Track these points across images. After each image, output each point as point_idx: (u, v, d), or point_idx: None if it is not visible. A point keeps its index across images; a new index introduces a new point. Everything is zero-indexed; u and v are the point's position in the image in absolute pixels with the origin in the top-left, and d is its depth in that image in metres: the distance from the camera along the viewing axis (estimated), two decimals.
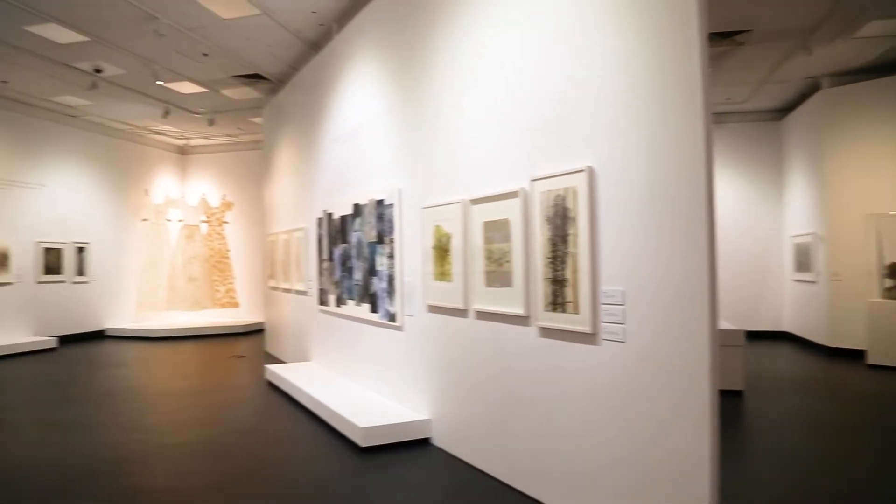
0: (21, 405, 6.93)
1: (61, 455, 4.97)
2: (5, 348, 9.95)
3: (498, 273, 4.07)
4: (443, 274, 4.73)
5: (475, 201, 4.30)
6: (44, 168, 11.41)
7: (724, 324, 7.03)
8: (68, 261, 11.78)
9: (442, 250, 4.73)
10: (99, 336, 12.42)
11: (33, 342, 10.53)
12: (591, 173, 3.28)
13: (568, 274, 3.42)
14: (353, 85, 6.63)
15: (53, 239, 11.50)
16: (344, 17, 7.18)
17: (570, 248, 3.41)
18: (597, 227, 3.27)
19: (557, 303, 3.51)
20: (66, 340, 11.34)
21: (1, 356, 9.77)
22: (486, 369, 4.27)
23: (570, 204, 3.40)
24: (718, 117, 10.94)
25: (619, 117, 3.14)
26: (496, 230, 4.08)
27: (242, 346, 11.31)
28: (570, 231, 3.40)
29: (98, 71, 9.28)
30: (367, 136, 6.22)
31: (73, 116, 11.91)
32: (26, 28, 7.63)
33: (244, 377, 8.44)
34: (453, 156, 4.66)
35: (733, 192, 11.12)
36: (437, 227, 4.78)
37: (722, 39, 7.51)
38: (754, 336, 10.29)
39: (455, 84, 4.64)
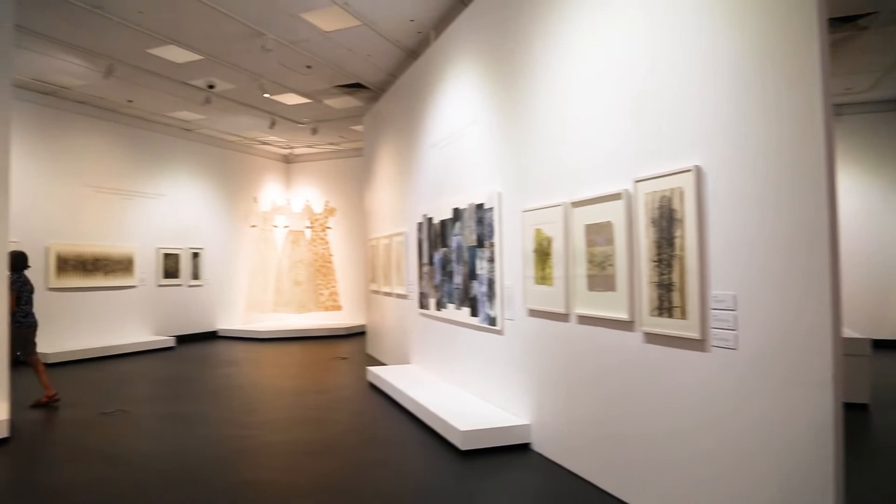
0: (143, 399, 7.42)
1: (178, 446, 5.30)
2: (130, 346, 10.75)
3: (600, 277, 3.98)
4: (543, 278, 4.68)
5: (576, 204, 4.22)
6: (163, 179, 12.23)
7: (847, 331, 6.57)
8: (185, 265, 12.57)
9: (542, 254, 4.68)
10: (212, 336, 13.16)
11: (154, 341, 11.29)
12: (698, 173, 3.14)
13: (675, 277, 3.30)
14: (451, 90, 6.69)
15: (171, 245, 12.30)
16: (441, 24, 7.26)
17: (677, 251, 3.28)
18: (705, 229, 3.13)
19: (664, 307, 3.38)
20: (182, 340, 12.09)
21: (126, 353, 10.55)
22: (587, 375, 4.18)
23: (676, 205, 3.28)
24: (836, 109, 10.24)
25: (728, 113, 2.99)
26: (598, 233, 3.99)
27: (345, 347, 11.64)
28: (677, 233, 3.28)
29: (211, 87, 9.84)
30: (465, 140, 6.26)
31: (188, 130, 12.69)
32: (148, 51, 8.22)
33: (346, 378, 8.68)
34: (553, 158, 4.61)
35: (852, 188, 10.37)
36: (538, 231, 4.73)
37: (842, 24, 7.01)
38: (880, 345, 9.56)
39: (554, 86, 4.59)
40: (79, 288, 10.54)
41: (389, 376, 7.29)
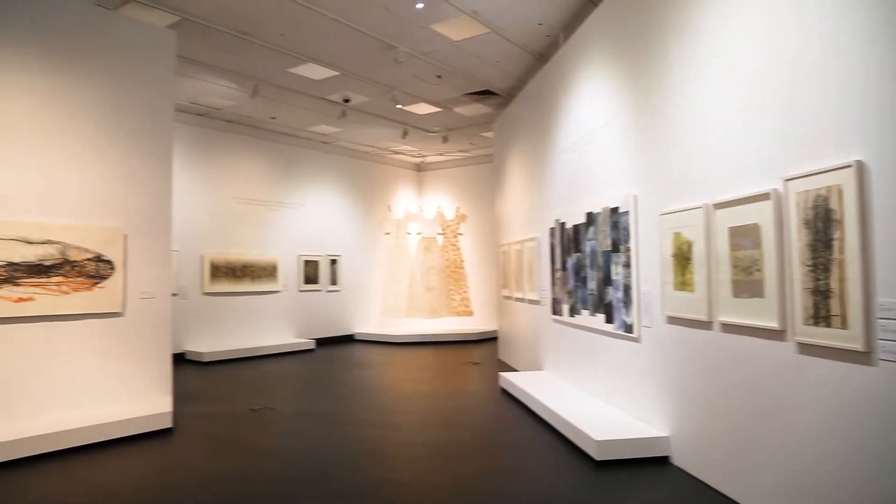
0: (287, 397, 7.84)
1: (320, 443, 5.54)
2: (274, 347, 11.42)
3: (746, 283, 3.72)
4: (683, 283, 4.45)
5: (719, 206, 3.98)
6: (304, 190, 12.94)
7: None
8: (323, 272, 13.21)
9: (682, 258, 4.46)
10: (349, 340, 13.71)
11: (296, 343, 11.93)
12: (860, 168, 2.86)
13: (833, 283, 3.02)
14: (582, 93, 6.56)
15: (311, 252, 12.97)
16: (570, 26, 7.15)
17: (836, 255, 3.00)
18: (869, 230, 2.83)
19: (820, 316, 3.11)
20: (322, 342, 12.69)
21: (271, 354, 11.22)
22: (732, 386, 3.92)
23: (834, 205, 3.00)
24: None
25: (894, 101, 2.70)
26: (744, 236, 3.74)
27: (476, 353, 11.71)
28: (836, 235, 3.00)
29: (346, 101, 10.28)
30: (598, 143, 6.11)
31: (326, 143, 13.34)
32: (290, 70, 8.75)
33: (478, 383, 8.72)
34: (692, 158, 4.38)
35: None
36: (677, 234, 4.52)
37: None
38: None
39: (691, 81, 4.36)
40: (229, 293, 11.37)
41: (522, 382, 7.24)
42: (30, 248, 5.42)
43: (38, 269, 5.47)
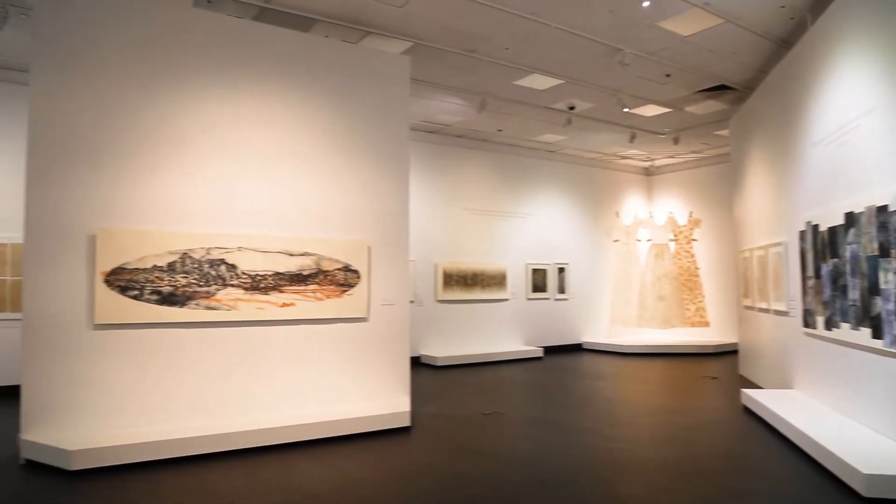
0: (517, 403, 7.95)
1: (550, 451, 5.55)
2: (503, 354, 11.69)
3: None
4: None
5: None
6: (530, 199, 13.11)
7: None
8: (551, 280, 13.24)
9: None
10: (576, 349, 13.56)
11: (524, 350, 12.09)
12: None
13: None
14: (839, 77, 5.80)
15: (539, 261, 13.08)
16: (818, 5, 6.38)
17: None
18: None
19: None
20: (549, 351, 12.70)
21: (500, 361, 11.49)
22: None
23: None
24: None
25: None
26: None
27: (713, 367, 10.90)
28: None
29: (571, 108, 10.23)
30: (860, 134, 5.35)
31: (551, 151, 13.39)
32: (515, 82, 8.94)
33: (716, 399, 8.10)
34: None
35: None
36: None
37: None
38: None
39: None
40: (461, 300, 11.88)
41: (768, 401, 6.57)
42: (291, 260, 6.18)
43: (298, 278, 6.21)
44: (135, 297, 5.46)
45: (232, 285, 5.89)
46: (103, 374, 5.37)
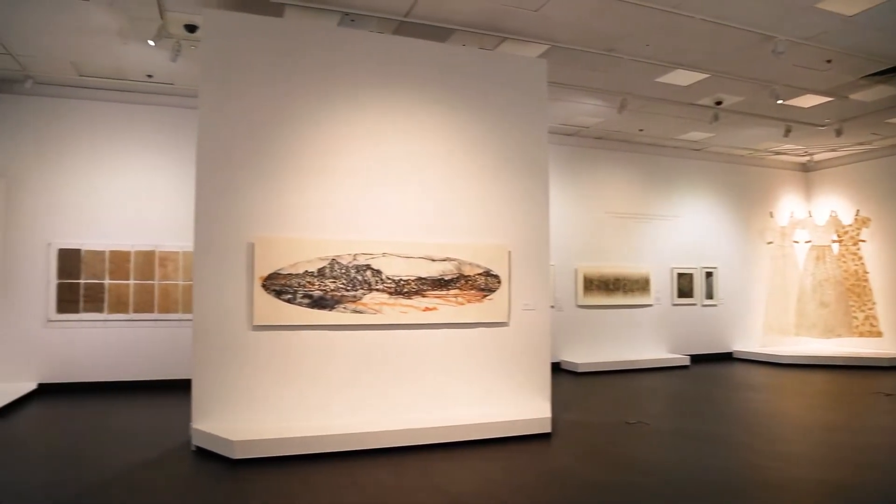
0: (661, 413, 7.65)
1: (697, 464, 5.29)
2: (646, 362, 11.28)
3: None
4: None
5: None
6: (674, 200, 12.56)
7: None
8: (698, 285, 12.59)
9: None
10: (726, 358, 12.77)
11: (669, 359, 11.59)
12: None
13: None
14: None
15: (685, 265, 12.48)
16: None
17: None
18: None
19: None
20: (696, 359, 12.05)
21: (642, 368, 11.09)
22: None
23: None
24: None
25: None
26: None
27: (889, 381, 9.87)
28: None
29: (718, 103, 9.70)
30: None
31: (696, 150, 12.76)
32: (657, 79, 8.62)
33: (892, 419, 7.33)
34: None
35: None
36: None
37: None
38: None
39: None
40: (601, 306, 11.59)
41: None
42: (433, 265, 6.36)
43: (440, 283, 6.36)
44: (288, 301, 5.86)
45: (377, 290, 6.15)
46: (261, 371, 5.81)
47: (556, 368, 10.75)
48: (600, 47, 7.52)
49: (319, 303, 5.97)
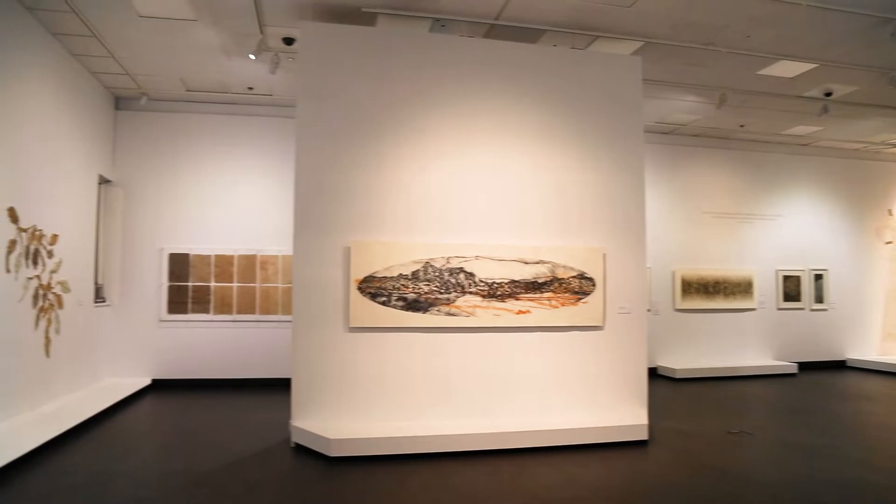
0: (766, 424, 7.26)
1: (807, 480, 5.00)
2: (749, 369, 10.74)
3: None
4: None
5: None
6: (779, 199, 11.90)
7: None
8: (806, 288, 11.87)
9: None
10: (839, 366, 11.95)
11: (774, 366, 10.98)
12: None
13: None
14: None
15: (791, 267, 11.81)
16: None
17: None
18: None
19: None
20: (805, 367, 11.34)
21: (745, 376, 10.56)
22: None
23: None
24: None
25: None
26: None
27: None
28: None
29: (828, 94, 9.13)
30: None
31: (803, 145, 12.06)
32: (759, 72, 8.20)
33: None
34: None
35: None
36: None
37: None
38: None
39: None
40: (701, 309, 11.13)
41: None
42: (526, 268, 6.32)
43: (533, 286, 6.32)
44: (383, 303, 5.97)
45: (470, 293, 6.17)
46: (357, 372, 5.95)
47: (653, 374, 10.42)
48: (697, 41, 7.24)
49: (413, 305, 6.05)
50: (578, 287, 6.43)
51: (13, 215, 6.10)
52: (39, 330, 6.69)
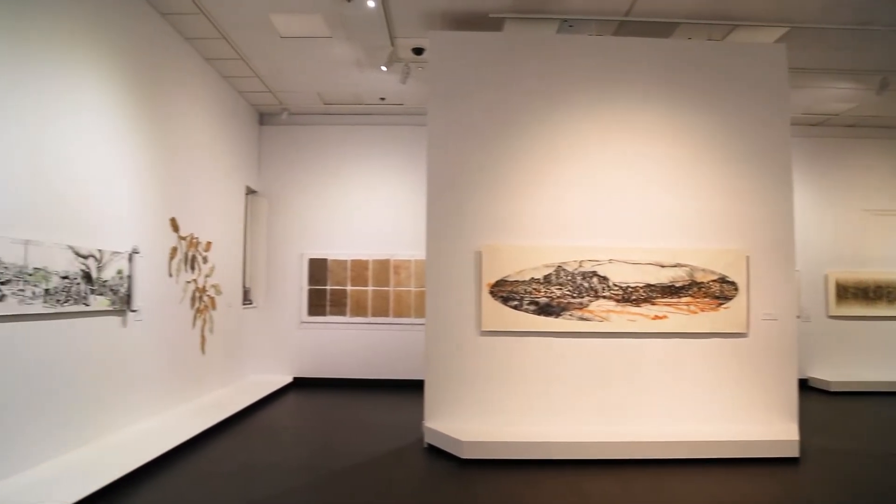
0: None
1: None
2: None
3: None
4: None
5: None
6: None
7: None
8: None
9: None
10: None
11: None
12: None
13: None
14: None
15: None
16: None
17: None
18: None
19: None
20: None
21: None
22: None
23: None
24: None
25: None
26: None
27: None
28: None
29: None
30: None
31: None
32: None
33: None
34: None
35: None
36: None
37: None
38: None
39: None
40: (859, 317, 10.15)
41: None
42: (662, 272, 6.07)
43: (670, 290, 6.06)
44: (515, 308, 5.96)
45: (604, 297, 6.02)
46: (488, 375, 5.98)
47: (804, 385, 9.63)
48: (851, 21, 6.63)
49: (546, 310, 5.99)
50: (719, 291, 6.08)
51: (174, 225, 6.70)
52: (196, 329, 7.29)
